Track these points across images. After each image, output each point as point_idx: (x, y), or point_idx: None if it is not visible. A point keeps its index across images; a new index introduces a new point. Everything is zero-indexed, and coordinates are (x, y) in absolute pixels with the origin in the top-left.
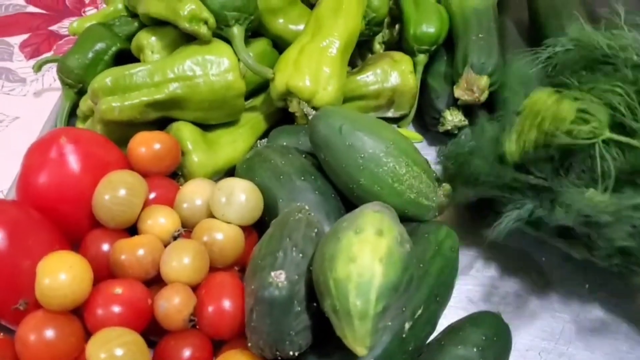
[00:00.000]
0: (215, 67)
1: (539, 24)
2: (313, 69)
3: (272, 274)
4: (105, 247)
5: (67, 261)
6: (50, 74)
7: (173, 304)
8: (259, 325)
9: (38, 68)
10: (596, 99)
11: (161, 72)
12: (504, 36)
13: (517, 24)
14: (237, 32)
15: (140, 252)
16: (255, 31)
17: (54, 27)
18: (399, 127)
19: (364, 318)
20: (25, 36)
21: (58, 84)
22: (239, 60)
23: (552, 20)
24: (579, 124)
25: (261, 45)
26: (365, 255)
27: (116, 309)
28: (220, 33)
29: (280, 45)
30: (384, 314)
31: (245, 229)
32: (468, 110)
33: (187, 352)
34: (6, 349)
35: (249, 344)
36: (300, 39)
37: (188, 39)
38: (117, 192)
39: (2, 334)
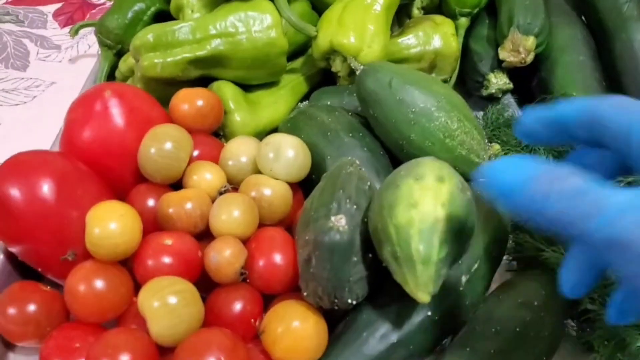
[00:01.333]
0: (257, 24)
1: None
2: (358, 26)
3: (333, 218)
4: (151, 202)
5: (117, 210)
6: (85, 41)
7: (224, 256)
8: (318, 272)
9: (74, 32)
10: None
11: (203, 29)
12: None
13: None
14: None
15: (189, 205)
16: None
17: None
18: None
19: (427, 263)
20: (58, 5)
21: (93, 50)
22: (281, 17)
23: None
24: None
25: (301, 6)
26: (427, 201)
27: (166, 259)
28: None
29: (318, 7)
30: (446, 260)
31: (291, 187)
32: (511, 75)
33: (238, 305)
34: (54, 301)
35: (305, 293)
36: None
37: None
38: (163, 144)
39: (49, 287)
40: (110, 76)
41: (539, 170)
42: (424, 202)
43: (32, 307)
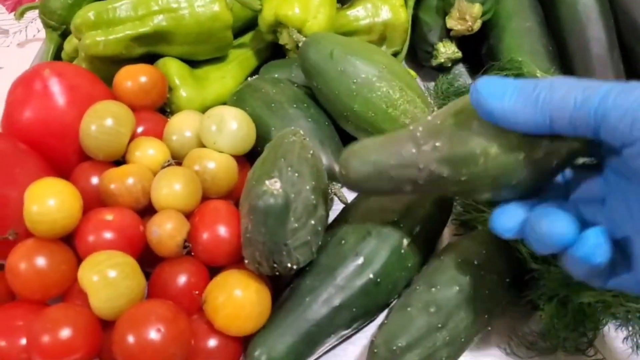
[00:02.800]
0: None
1: None
2: None
3: (267, 182)
4: (94, 179)
5: (55, 187)
6: (34, 25)
7: (166, 230)
8: (254, 236)
9: (20, 15)
10: None
11: (145, 5)
12: None
13: None
14: None
15: (130, 180)
16: None
17: None
18: None
19: None
20: None
21: (41, 35)
22: None
23: None
24: None
25: None
26: None
27: (108, 234)
28: None
29: None
30: None
31: (238, 160)
32: (461, 43)
33: (182, 278)
34: None
35: (246, 261)
36: None
37: None
38: (103, 121)
39: None
40: (57, 58)
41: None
42: None
43: None
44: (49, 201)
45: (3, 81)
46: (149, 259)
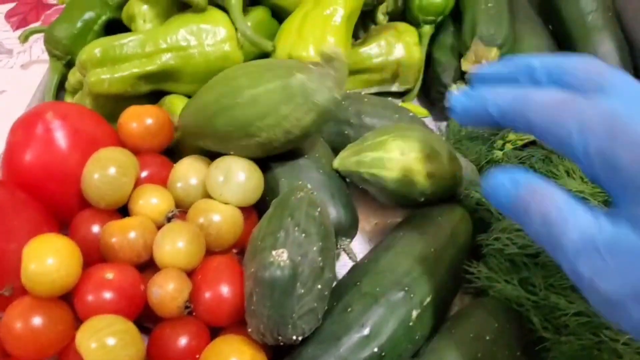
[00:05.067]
0: (210, 37)
1: None
2: (317, 38)
3: (273, 252)
4: (96, 228)
5: (54, 244)
6: (39, 45)
7: (167, 291)
8: (259, 309)
9: (24, 39)
10: None
11: (153, 42)
12: (513, 6)
13: None
14: (234, 1)
15: (132, 234)
16: None
17: None
18: (403, 101)
19: None
20: (11, 5)
21: (46, 56)
22: (236, 30)
23: None
24: None
25: (259, 13)
26: None
27: (107, 295)
28: (216, 1)
29: (279, 14)
30: None
31: (244, 209)
32: None
33: (183, 341)
34: None
35: (249, 329)
36: (302, 6)
37: (182, 7)
38: (106, 170)
39: None
40: (61, 86)
41: (520, 189)
42: None
43: None
44: (48, 260)
45: (5, 106)
46: (148, 315)
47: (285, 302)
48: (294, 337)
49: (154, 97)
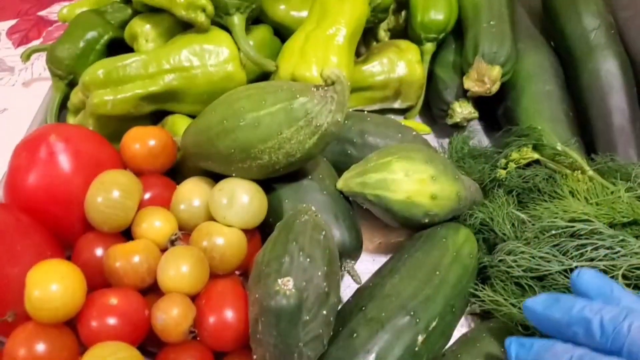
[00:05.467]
0: (213, 57)
1: (553, 10)
2: (320, 58)
3: (279, 281)
4: (99, 251)
5: (58, 271)
6: (40, 62)
7: (171, 316)
8: (265, 338)
9: (27, 57)
10: None
11: (156, 63)
12: (515, 23)
13: (529, 10)
14: (237, 21)
15: (136, 259)
16: (255, 17)
17: (43, 13)
18: (405, 118)
19: None
20: (13, 22)
21: (47, 73)
22: (239, 50)
23: (566, 7)
24: None
25: (262, 32)
26: None
27: (111, 320)
28: (219, 21)
29: (281, 32)
30: None
31: (247, 231)
32: (477, 100)
33: None
34: None
35: (254, 356)
36: (305, 26)
37: (184, 26)
38: (109, 194)
39: None
40: (63, 104)
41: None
42: None
43: None
44: (52, 286)
45: (8, 124)
46: (152, 338)
47: (291, 331)
48: None
49: (156, 116)
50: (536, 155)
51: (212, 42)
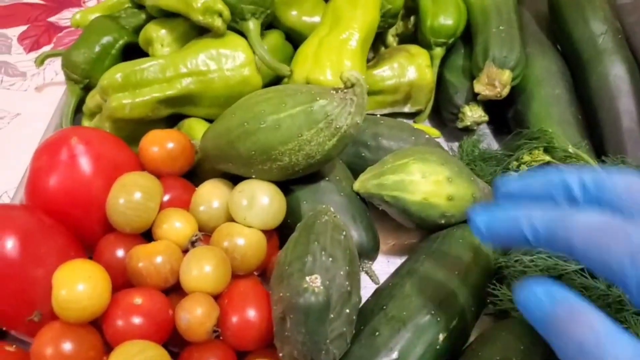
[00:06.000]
0: (230, 62)
1: (560, 16)
2: (334, 62)
3: (307, 279)
4: (120, 252)
5: (85, 271)
6: (52, 67)
7: (195, 316)
8: (293, 335)
9: (40, 62)
10: None
11: (173, 67)
12: (523, 28)
13: (535, 15)
14: (252, 26)
15: (159, 259)
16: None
17: (53, 19)
18: (415, 122)
19: None
20: (23, 28)
21: (60, 77)
22: (254, 54)
23: (574, 12)
24: None
25: (274, 37)
26: None
27: (137, 320)
28: (234, 26)
29: (293, 37)
30: None
31: (266, 232)
32: (486, 104)
33: None
34: None
35: (281, 354)
36: (318, 31)
37: (200, 31)
38: (131, 195)
39: (15, 345)
40: (78, 109)
41: (557, 307)
42: None
43: None
44: (79, 286)
45: (21, 129)
46: (175, 338)
47: (319, 328)
48: None
49: (170, 120)
50: (547, 158)
51: (228, 46)
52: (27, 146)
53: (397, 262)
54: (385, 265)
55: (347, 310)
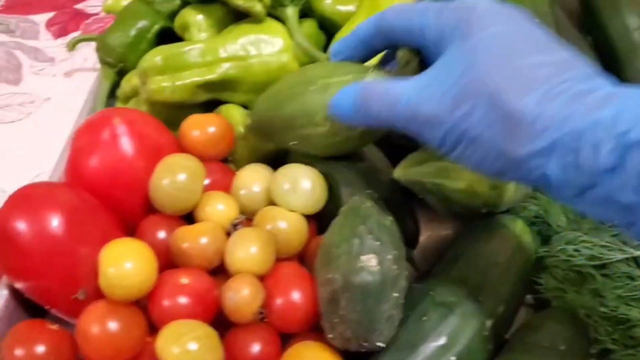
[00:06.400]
0: (269, 47)
1: (593, 9)
2: None
3: (363, 257)
4: (162, 234)
5: (132, 249)
6: (80, 53)
7: (242, 296)
8: (349, 314)
9: (72, 46)
10: None
11: (213, 52)
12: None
13: (565, 8)
14: (291, 12)
15: (204, 240)
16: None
17: (79, 6)
18: None
19: None
20: (50, 14)
21: (89, 63)
22: (292, 40)
23: (608, 6)
24: None
25: (308, 26)
26: None
27: (183, 300)
28: (272, 12)
29: (326, 26)
30: None
31: (305, 216)
32: None
33: (256, 347)
34: (63, 342)
35: (330, 336)
36: (355, 18)
37: (236, 17)
38: (176, 176)
39: (57, 325)
40: (111, 93)
41: (358, 87)
42: None
43: (40, 349)
44: (127, 264)
45: (51, 114)
46: (221, 320)
47: (375, 307)
48: (377, 344)
49: (206, 106)
50: None
51: (267, 32)
52: (58, 130)
53: (432, 252)
54: (419, 256)
55: (395, 294)
